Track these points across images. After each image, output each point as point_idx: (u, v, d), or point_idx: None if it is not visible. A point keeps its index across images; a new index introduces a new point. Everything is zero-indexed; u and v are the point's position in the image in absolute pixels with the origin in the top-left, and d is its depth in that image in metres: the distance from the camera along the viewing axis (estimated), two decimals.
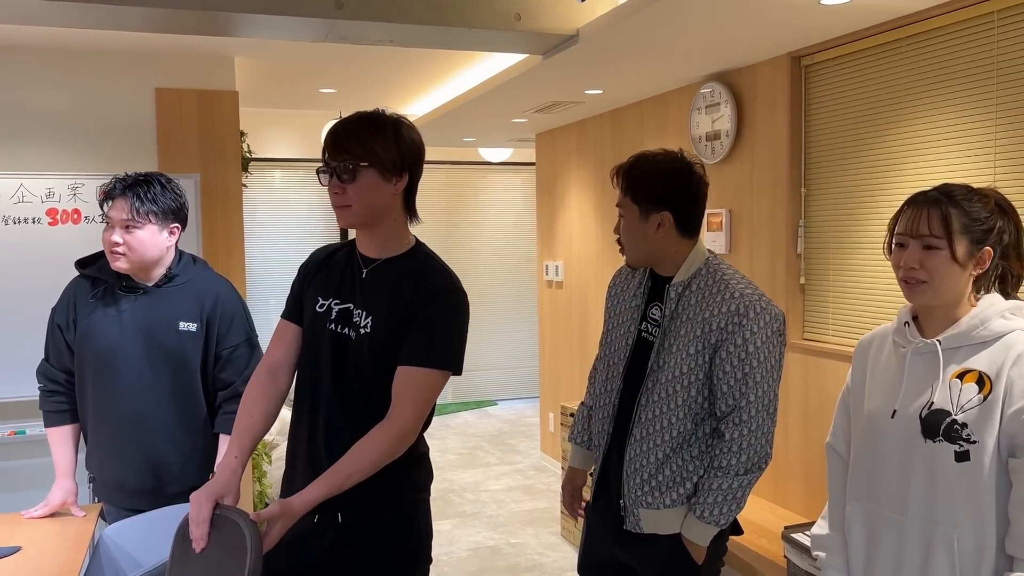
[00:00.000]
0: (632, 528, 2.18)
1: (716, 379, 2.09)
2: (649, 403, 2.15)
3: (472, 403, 8.52)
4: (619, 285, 2.39)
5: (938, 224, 1.65)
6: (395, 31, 3.31)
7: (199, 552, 1.70)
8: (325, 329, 1.96)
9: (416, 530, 1.99)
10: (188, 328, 2.55)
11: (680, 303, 2.14)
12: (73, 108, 4.23)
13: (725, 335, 2.06)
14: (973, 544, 1.61)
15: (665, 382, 2.12)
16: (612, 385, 2.26)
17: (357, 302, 1.95)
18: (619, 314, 2.33)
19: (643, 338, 2.22)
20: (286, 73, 4.95)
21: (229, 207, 4.47)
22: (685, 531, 2.14)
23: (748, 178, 3.94)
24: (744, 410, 2.07)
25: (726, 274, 2.15)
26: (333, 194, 1.91)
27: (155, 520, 2.48)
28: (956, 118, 2.95)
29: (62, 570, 2.17)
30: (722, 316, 2.06)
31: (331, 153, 1.90)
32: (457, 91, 5.33)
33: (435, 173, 8.36)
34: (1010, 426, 1.58)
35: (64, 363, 2.62)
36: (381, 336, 1.89)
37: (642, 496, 2.15)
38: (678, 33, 3.32)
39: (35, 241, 3.91)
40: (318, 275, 2.06)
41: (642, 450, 2.15)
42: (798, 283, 3.71)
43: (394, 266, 1.97)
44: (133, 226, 2.48)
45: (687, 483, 2.14)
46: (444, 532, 4.90)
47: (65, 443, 2.63)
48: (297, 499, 1.75)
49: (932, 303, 1.69)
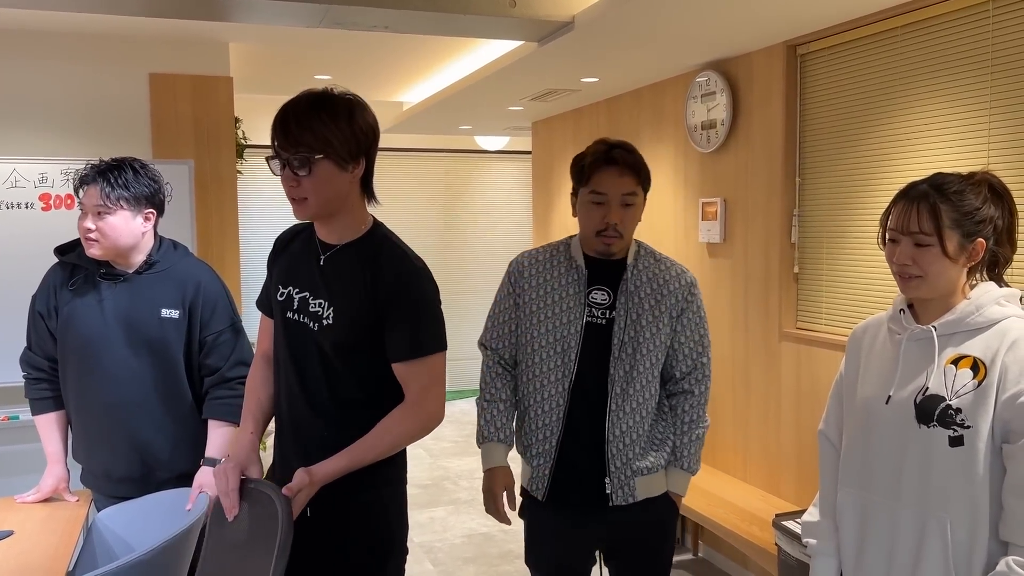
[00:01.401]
0: (623, 501, 2.25)
1: (678, 343, 2.32)
2: (630, 377, 2.24)
3: (468, 391, 8.52)
4: (538, 275, 2.32)
5: (928, 221, 1.64)
6: (390, 17, 3.29)
7: (231, 520, 1.77)
8: (285, 318, 1.94)
9: (387, 524, 1.95)
10: (170, 315, 2.53)
11: (634, 281, 2.28)
12: (67, 93, 4.21)
13: (686, 304, 2.31)
14: (966, 529, 1.61)
15: (646, 353, 2.26)
16: (561, 373, 2.25)
17: (315, 291, 1.91)
18: (550, 304, 2.28)
19: (589, 323, 2.25)
20: (281, 59, 4.93)
21: (223, 194, 4.45)
22: (672, 486, 2.34)
23: (743, 167, 3.94)
24: (705, 366, 2.35)
25: (659, 253, 2.37)
26: (288, 186, 1.83)
27: (148, 505, 2.48)
28: (951, 107, 2.95)
29: (55, 554, 2.17)
30: (682, 288, 2.31)
31: (282, 143, 1.81)
32: (453, 78, 5.31)
33: (431, 161, 8.34)
34: (1004, 412, 1.58)
35: (47, 350, 2.60)
36: (344, 326, 1.86)
37: (640, 465, 2.26)
38: (674, 21, 3.31)
39: (28, 226, 3.90)
40: (278, 261, 2.03)
41: (634, 422, 2.25)
42: (792, 272, 3.71)
43: (351, 252, 1.91)
44: (105, 212, 2.45)
45: (667, 443, 2.34)
46: (438, 519, 4.91)
47: (54, 430, 2.62)
48: (319, 468, 1.78)
49: (927, 296, 1.70)
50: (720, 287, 4.13)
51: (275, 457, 2.01)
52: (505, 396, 2.38)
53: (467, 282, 8.51)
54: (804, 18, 3.27)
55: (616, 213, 2.22)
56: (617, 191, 2.22)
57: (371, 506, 1.92)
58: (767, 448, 3.86)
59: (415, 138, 7.98)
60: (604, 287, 2.27)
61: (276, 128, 1.82)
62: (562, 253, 2.34)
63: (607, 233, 2.23)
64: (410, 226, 8.19)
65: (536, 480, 2.31)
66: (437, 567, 4.23)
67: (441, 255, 8.41)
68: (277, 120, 1.83)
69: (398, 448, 1.89)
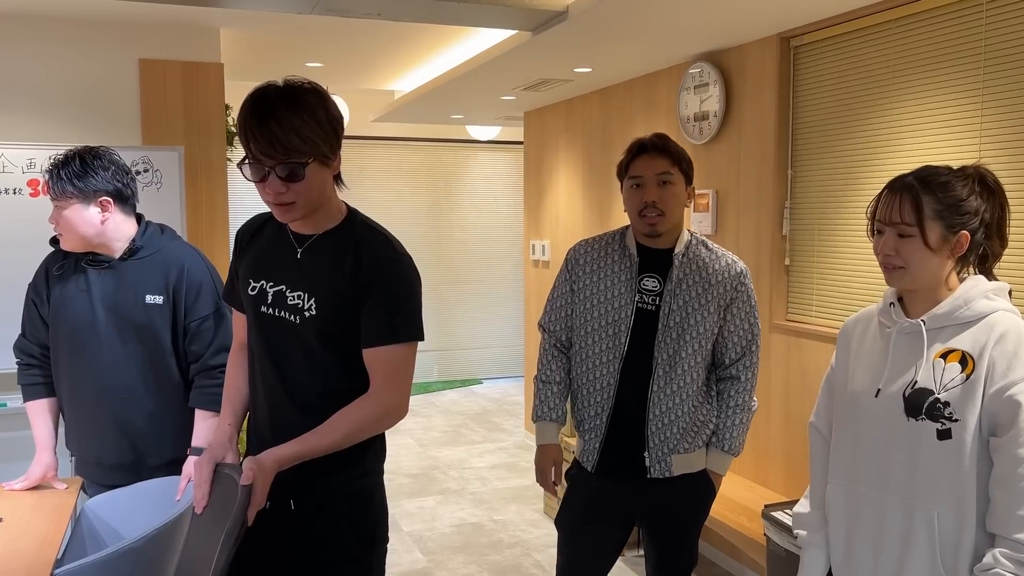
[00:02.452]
0: (660, 475, 2.40)
1: (728, 331, 2.43)
2: (673, 362, 2.37)
3: (457, 381, 8.53)
4: (593, 262, 2.47)
5: (910, 212, 1.65)
6: (383, 4, 3.28)
7: (200, 512, 1.79)
8: (259, 313, 1.89)
9: (371, 513, 1.94)
10: (155, 301, 2.51)
11: (682, 270, 2.39)
12: (56, 78, 4.18)
13: (736, 294, 2.42)
14: (953, 521, 1.62)
15: (690, 340, 2.37)
16: (612, 355, 2.40)
17: (292, 284, 1.86)
18: (603, 290, 2.42)
19: (639, 309, 2.38)
20: (272, 46, 4.90)
21: (213, 181, 4.43)
22: (711, 465, 2.48)
23: (735, 159, 3.94)
24: (754, 353, 2.47)
25: (712, 244, 2.47)
26: (274, 192, 1.74)
27: (137, 493, 2.47)
28: (943, 100, 2.95)
29: (44, 541, 2.16)
30: (731, 279, 2.42)
31: (266, 151, 1.69)
32: (445, 67, 5.29)
33: (422, 150, 8.32)
34: (991, 405, 1.59)
35: (40, 338, 2.61)
36: (327, 315, 1.82)
37: (677, 444, 2.40)
38: (667, 12, 3.30)
39: (16, 212, 3.87)
40: (246, 253, 1.97)
41: (672, 404, 2.38)
42: (783, 264, 3.72)
43: (330, 240, 1.86)
44: (59, 206, 2.45)
45: (708, 425, 2.46)
46: (428, 508, 4.92)
47: (44, 417, 2.61)
48: (267, 455, 1.72)
49: (910, 287, 1.71)
50: None
51: (250, 448, 1.98)
52: (559, 378, 2.53)
53: (458, 272, 8.50)
54: (797, 10, 3.27)
55: (653, 191, 2.34)
56: (651, 171, 2.35)
57: (358, 496, 1.91)
58: (757, 439, 3.87)
59: (406, 127, 7.95)
60: (655, 274, 2.40)
61: (253, 133, 1.69)
62: (616, 242, 2.47)
63: (647, 212, 2.35)
64: (400, 215, 8.18)
65: (587, 452, 2.47)
66: (427, 556, 4.24)
67: (432, 245, 8.41)
68: (252, 124, 1.69)
69: (355, 438, 1.81)
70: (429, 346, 8.39)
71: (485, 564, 4.18)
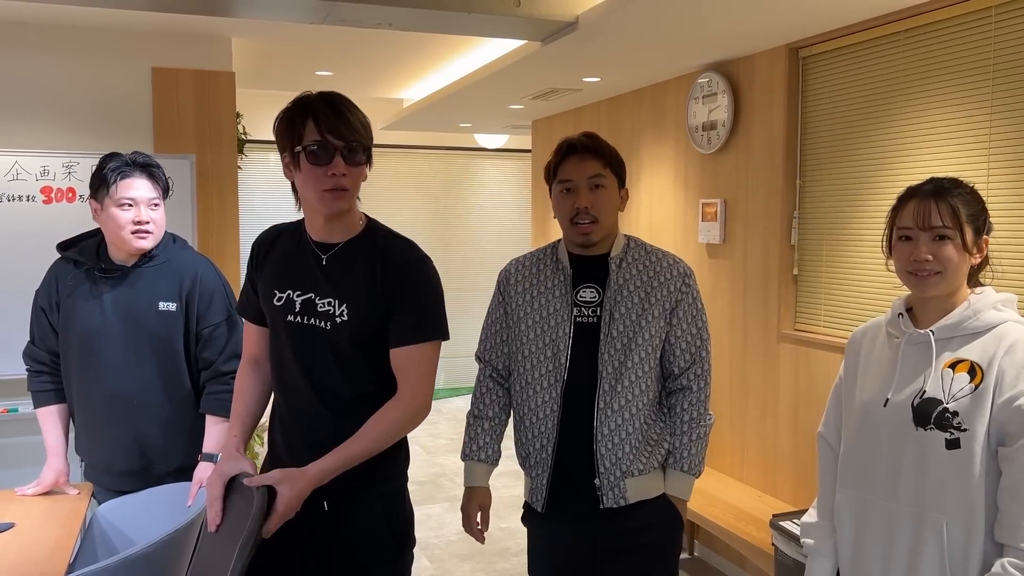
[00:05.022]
0: (614, 503, 2.17)
1: (674, 338, 2.22)
2: (619, 374, 2.16)
3: (464, 388, 8.53)
4: (525, 280, 2.28)
5: (948, 215, 1.67)
6: (394, 14, 3.30)
7: (214, 531, 1.78)
8: (286, 322, 1.91)
9: (404, 513, 2.00)
10: (168, 308, 2.54)
11: (620, 275, 2.20)
12: (69, 86, 4.21)
13: (680, 296, 2.22)
14: (962, 530, 1.63)
15: (635, 348, 2.16)
16: (553, 378, 2.19)
17: (322, 291, 1.89)
18: (538, 308, 2.23)
19: (578, 323, 2.19)
20: (283, 55, 4.93)
21: (224, 189, 4.45)
22: (671, 488, 2.24)
23: (744, 168, 3.95)
24: (704, 360, 2.26)
25: (650, 246, 2.29)
26: (336, 175, 1.81)
27: (148, 499, 2.49)
28: (952, 112, 2.96)
29: (56, 547, 2.18)
30: (674, 279, 2.22)
31: (338, 130, 1.79)
32: (454, 76, 5.32)
33: (431, 158, 8.35)
34: (1000, 415, 1.60)
35: (49, 345, 2.62)
36: (360, 321, 1.86)
37: (630, 466, 2.17)
38: (677, 22, 3.32)
39: (29, 219, 3.90)
40: (266, 265, 1.98)
41: (622, 420, 2.16)
42: (791, 274, 3.72)
43: (355, 248, 1.91)
44: (157, 204, 2.59)
45: (663, 444, 2.24)
46: (434, 516, 4.92)
47: (54, 423, 2.63)
48: (311, 468, 1.77)
49: (943, 293, 1.71)
50: (719, 288, 4.14)
51: (277, 453, 2.00)
52: (492, 413, 2.33)
53: (466, 279, 8.51)
54: (806, 21, 3.28)
55: (585, 197, 2.16)
56: (582, 175, 2.17)
57: (392, 497, 1.97)
58: (764, 448, 3.87)
59: (414, 135, 7.98)
60: (592, 284, 2.20)
61: (325, 114, 1.79)
62: (548, 256, 2.28)
63: (579, 219, 2.16)
64: (408, 223, 8.19)
65: (535, 491, 2.26)
66: (434, 563, 4.25)
67: (440, 252, 8.41)
68: (322, 107, 1.80)
69: (390, 440, 1.87)
70: None
71: (492, 572, 4.18)
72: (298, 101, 1.84)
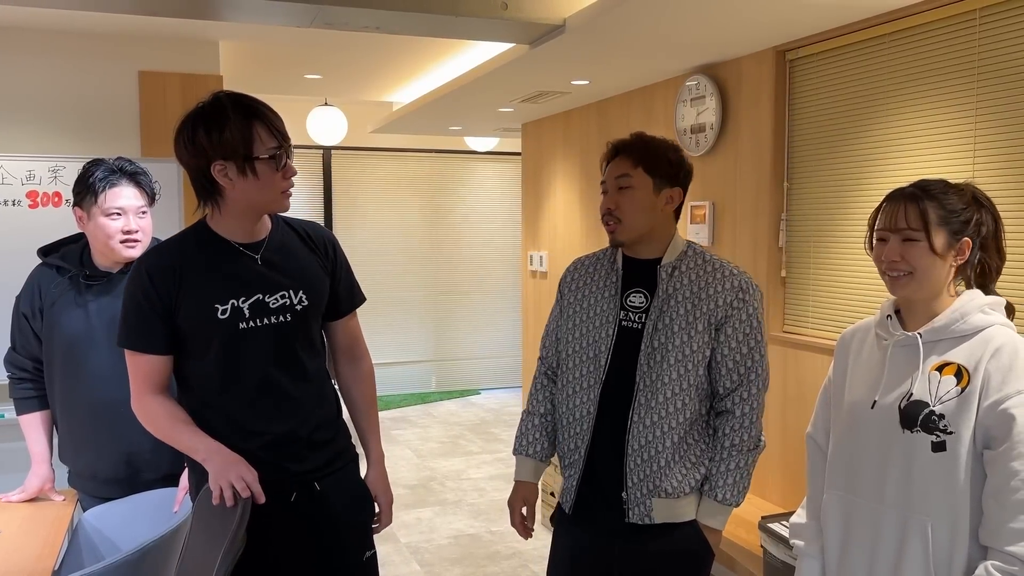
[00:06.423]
0: (639, 520, 2.09)
1: (721, 355, 2.10)
2: (654, 387, 2.07)
3: (455, 392, 8.53)
4: (579, 279, 2.25)
5: (916, 217, 1.68)
6: (381, 18, 3.29)
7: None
8: (239, 331, 1.88)
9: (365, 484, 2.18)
10: None
11: (671, 284, 2.11)
12: (56, 90, 4.19)
13: (731, 311, 2.08)
14: (947, 532, 1.63)
15: (674, 362, 2.07)
16: (592, 380, 2.14)
17: (269, 287, 1.92)
18: (586, 308, 2.19)
19: (624, 327, 2.13)
20: (271, 58, 4.92)
21: None
22: (703, 517, 2.12)
23: (732, 171, 3.96)
24: (752, 383, 2.11)
25: (712, 256, 2.18)
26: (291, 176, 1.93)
27: (134, 505, 2.47)
28: (937, 114, 2.97)
29: (41, 554, 2.16)
30: (726, 292, 2.09)
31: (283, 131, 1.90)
32: (444, 79, 5.31)
33: (420, 161, 8.34)
34: (986, 418, 1.60)
35: (31, 351, 2.59)
36: (319, 298, 2.02)
37: (659, 484, 2.07)
38: (665, 25, 3.32)
39: (15, 223, 3.88)
40: (184, 286, 1.88)
41: (654, 436, 2.07)
42: (779, 276, 3.74)
43: (279, 236, 2.01)
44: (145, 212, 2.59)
45: (701, 467, 2.12)
46: (425, 519, 4.91)
47: (38, 430, 2.61)
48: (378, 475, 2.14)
49: (915, 295, 1.72)
50: None
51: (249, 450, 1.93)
52: (544, 410, 2.29)
53: (456, 282, 8.51)
54: (794, 24, 3.29)
55: (610, 198, 2.13)
56: (611, 176, 2.14)
57: (356, 456, 2.16)
58: None
59: (404, 138, 7.97)
60: (642, 289, 2.13)
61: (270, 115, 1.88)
62: (608, 256, 2.23)
63: (605, 220, 2.14)
64: (398, 226, 8.19)
65: (566, 492, 2.21)
66: (424, 568, 4.24)
67: (429, 255, 8.42)
68: (263, 113, 1.87)
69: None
70: (427, 356, 8.40)
71: None
72: (224, 107, 1.84)
